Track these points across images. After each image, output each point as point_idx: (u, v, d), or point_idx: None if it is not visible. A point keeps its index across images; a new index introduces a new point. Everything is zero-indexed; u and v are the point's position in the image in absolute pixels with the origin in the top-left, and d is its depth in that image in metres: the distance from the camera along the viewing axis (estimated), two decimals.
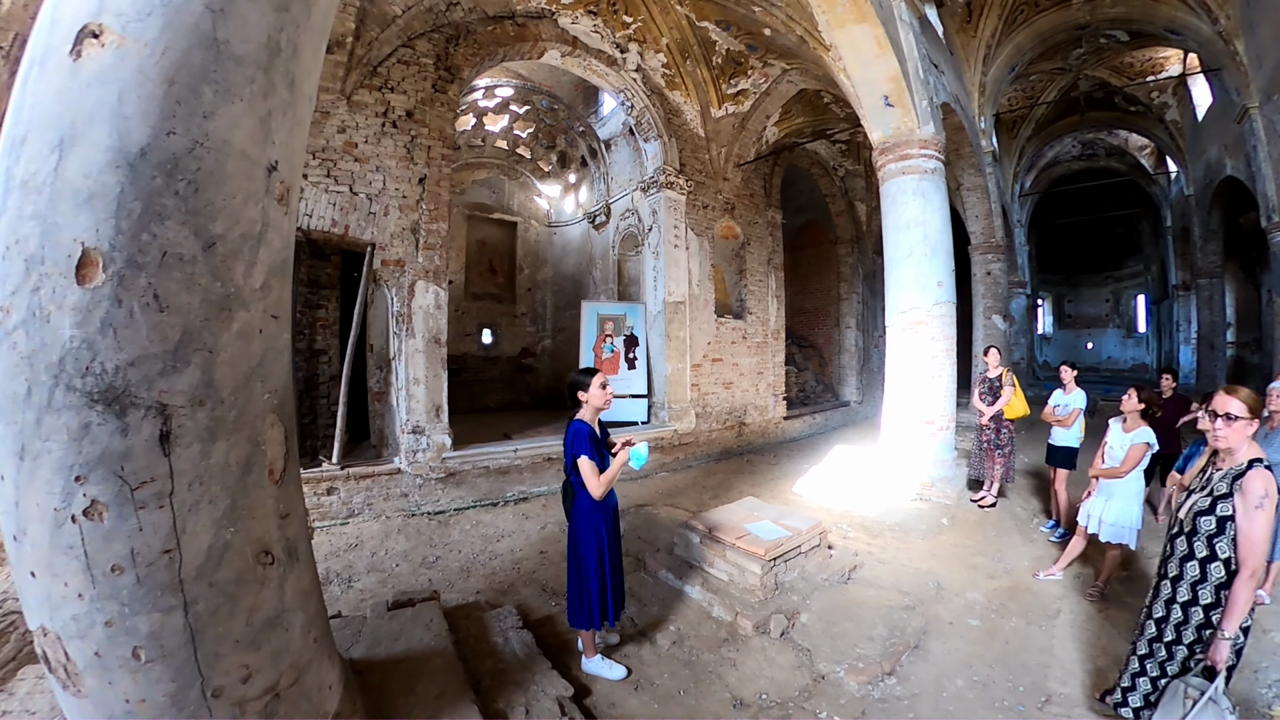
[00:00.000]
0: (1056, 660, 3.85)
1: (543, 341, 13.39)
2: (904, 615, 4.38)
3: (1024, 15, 9.96)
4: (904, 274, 7.69)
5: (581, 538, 3.37)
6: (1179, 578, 2.72)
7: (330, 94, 6.23)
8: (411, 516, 6.47)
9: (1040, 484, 8.09)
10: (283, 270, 2.18)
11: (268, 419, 2.06)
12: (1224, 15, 9.02)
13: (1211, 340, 15.20)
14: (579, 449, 3.22)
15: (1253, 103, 9.38)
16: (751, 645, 3.98)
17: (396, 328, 6.75)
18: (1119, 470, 4.61)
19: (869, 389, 14.64)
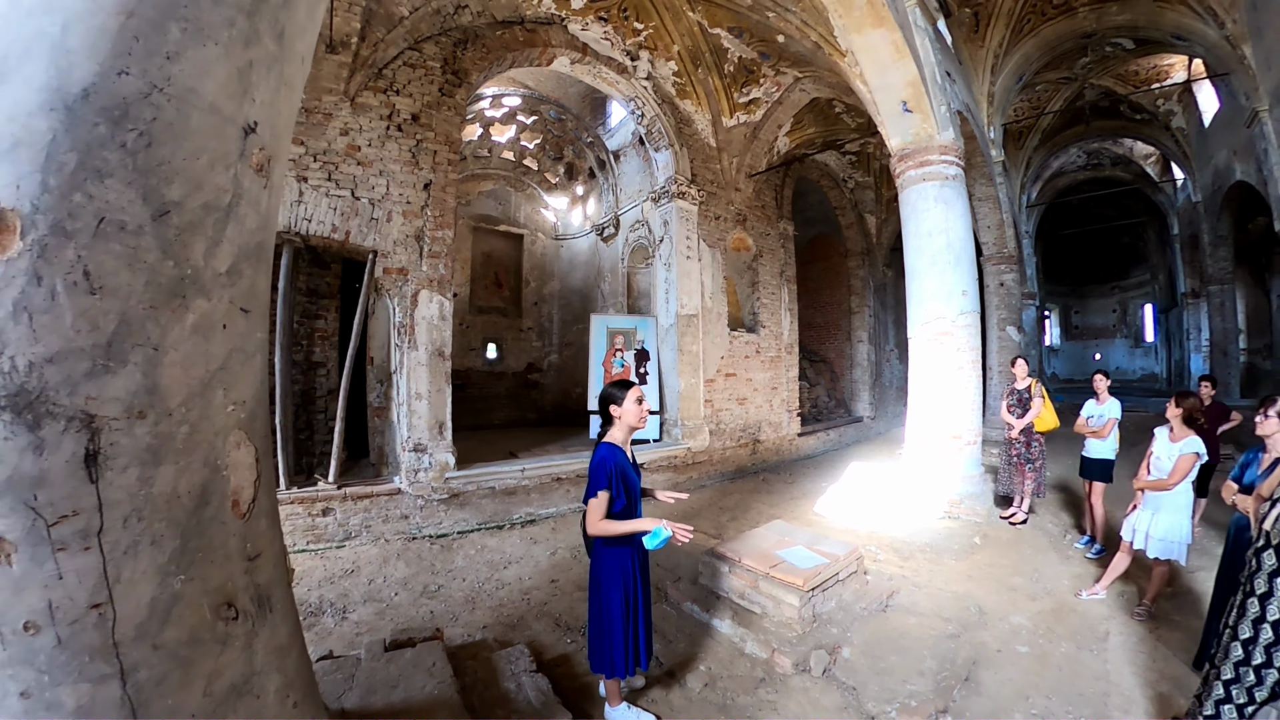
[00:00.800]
0: (1114, 687, 3.58)
1: (549, 357, 13.01)
2: (950, 645, 4.03)
3: (1031, 24, 9.75)
4: (927, 283, 7.38)
5: (605, 576, 2.92)
6: (1269, 594, 2.48)
7: (334, 95, 5.93)
8: (412, 540, 6.04)
9: (1070, 498, 7.76)
10: (258, 255, 1.81)
11: (231, 437, 1.67)
12: (1230, 20, 8.77)
13: (1225, 347, 14.88)
14: (598, 483, 2.77)
15: (1262, 106, 9.06)
16: (791, 685, 3.58)
17: (398, 339, 6.38)
18: (1167, 482, 4.31)
19: (881, 404, 14.26)
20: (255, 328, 1.87)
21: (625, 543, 2.91)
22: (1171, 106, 14.05)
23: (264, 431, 2.12)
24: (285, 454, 5.63)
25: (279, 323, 5.73)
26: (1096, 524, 5.97)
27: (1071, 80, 12.15)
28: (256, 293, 1.84)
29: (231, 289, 1.65)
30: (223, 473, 1.65)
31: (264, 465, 2.01)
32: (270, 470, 2.11)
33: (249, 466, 1.79)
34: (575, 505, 7.49)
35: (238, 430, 1.76)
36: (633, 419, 2.90)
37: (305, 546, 5.63)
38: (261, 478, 2.04)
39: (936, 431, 7.19)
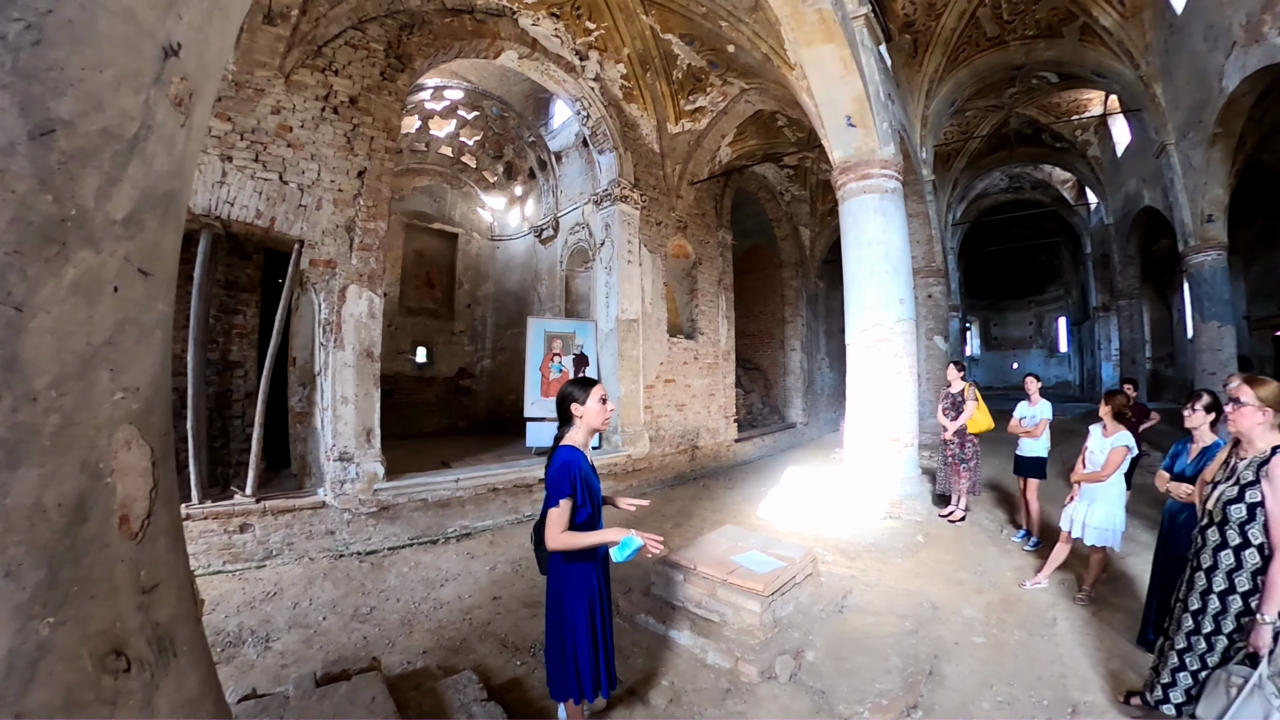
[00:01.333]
0: (1069, 669, 3.72)
1: (482, 362, 12.44)
2: (911, 641, 4.05)
3: (965, 54, 10.24)
4: (866, 291, 7.53)
5: (568, 593, 2.60)
6: (1214, 568, 2.69)
7: (267, 70, 5.40)
8: (339, 558, 5.49)
9: (1001, 495, 8.06)
10: (166, 208, 1.46)
11: (119, 434, 1.32)
12: (1145, 62, 9.62)
13: (1133, 356, 16.21)
14: (559, 490, 2.45)
15: (1170, 140, 10.05)
16: (759, 694, 3.44)
17: (324, 338, 5.84)
18: (1101, 474, 4.56)
19: (814, 410, 14.54)
20: (157, 297, 1.51)
21: (589, 556, 2.61)
22: (1089, 137, 15.12)
23: (163, 429, 1.74)
24: (198, 463, 5.01)
25: (193, 316, 5.11)
26: (1032, 518, 6.20)
27: (999, 108, 12.84)
28: (161, 254, 1.48)
29: (129, 243, 1.30)
30: (106, 480, 1.29)
31: (163, 471, 1.64)
32: (170, 477, 1.73)
33: (142, 472, 1.43)
34: (513, 517, 7.11)
35: (128, 425, 1.40)
36: (595, 420, 2.62)
37: (221, 567, 5.01)
38: (159, 487, 1.65)
39: (875, 435, 7.31)
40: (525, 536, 6.53)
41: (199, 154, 1.65)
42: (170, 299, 1.75)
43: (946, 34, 9.62)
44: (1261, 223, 12.73)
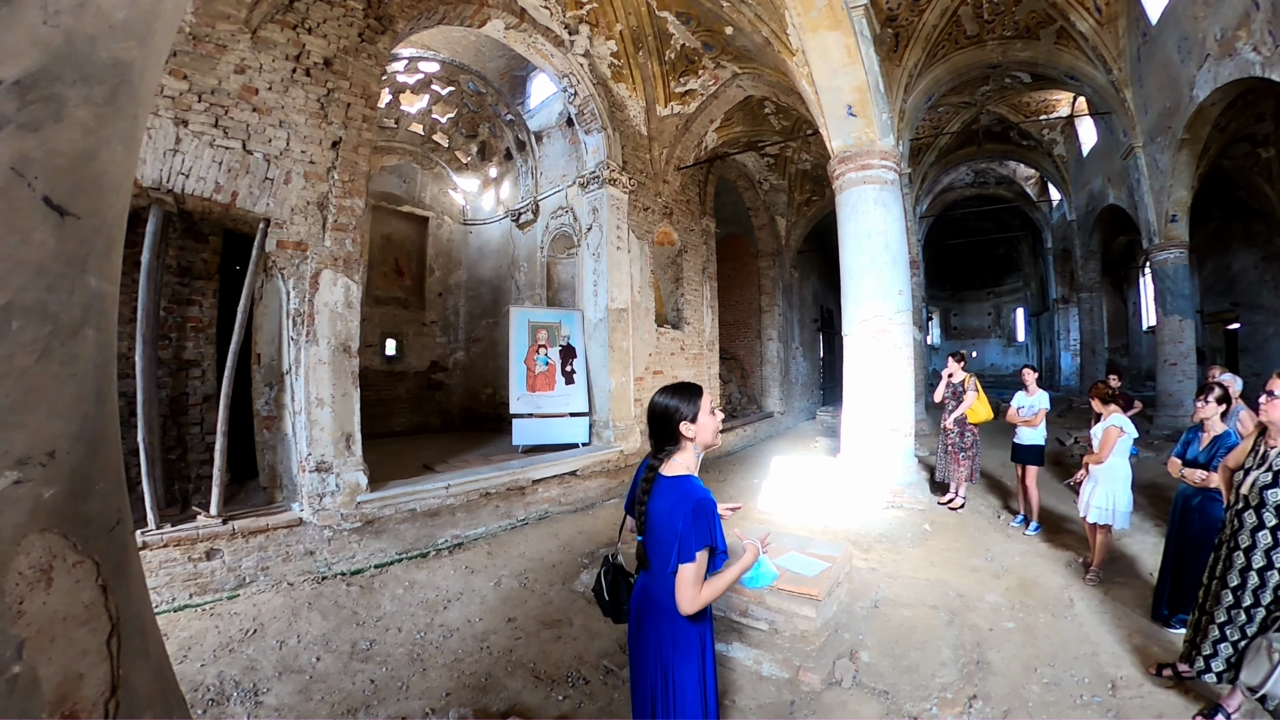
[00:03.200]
0: (1098, 646, 3.75)
1: (455, 354, 11.49)
2: (953, 632, 3.98)
3: (944, 50, 10.05)
4: (866, 282, 7.29)
5: (683, 657, 1.93)
6: (1252, 547, 2.84)
7: (231, 23, 4.48)
8: (322, 580, 4.69)
9: (992, 483, 8.07)
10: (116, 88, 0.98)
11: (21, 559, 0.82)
12: (1117, 68, 9.68)
13: (1093, 346, 16.66)
14: (699, 536, 1.79)
15: (1138, 143, 10.27)
16: (826, 703, 3.23)
17: (294, 331, 4.99)
18: (1098, 455, 4.68)
19: (789, 399, 14.30)
20: (85, 262, 0.89)
21: (708, 612, 2.00)
22: (1055, 136, 15.28)
23: (113, 505, 1.07)
24: (152, 480, 4.12)
25: (141, 309, 4.19)
26: (1031, 504, 6.18)
27: (971, 105, 12.74)
28: (96, 181, 0.88)
29: (22, 136, 0.79)
30: (13, 670, 0.67)
31: (122, 591, 0.99)
32: (138, 584, 1.06)
33: (85, 617, 0.84)
34: (506, 523, 6.46)
35: (40, 535, 0.86)
36: (709, 435, 2.00)
37: (188, 601, 4.17)
38: (121, 624, 1.00)
39: (875, 425, 7.19)
40: (523, 543, 5.93)
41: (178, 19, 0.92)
42: (113, 270, 1.07)
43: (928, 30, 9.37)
44: (1216, 224, 13.17)
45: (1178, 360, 10.39)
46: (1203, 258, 13.71)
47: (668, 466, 1.98)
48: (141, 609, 1.15)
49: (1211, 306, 14.17)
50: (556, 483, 7.28)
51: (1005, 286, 28.93)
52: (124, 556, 1.09)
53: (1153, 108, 9.60)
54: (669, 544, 1.84)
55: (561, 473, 7.38)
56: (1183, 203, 10.00)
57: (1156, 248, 10.49)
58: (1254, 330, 13.13)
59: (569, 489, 7.44)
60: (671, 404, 1.96)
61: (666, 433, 1.98)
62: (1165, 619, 3.96)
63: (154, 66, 1.10)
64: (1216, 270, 13.97)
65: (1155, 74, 9.17)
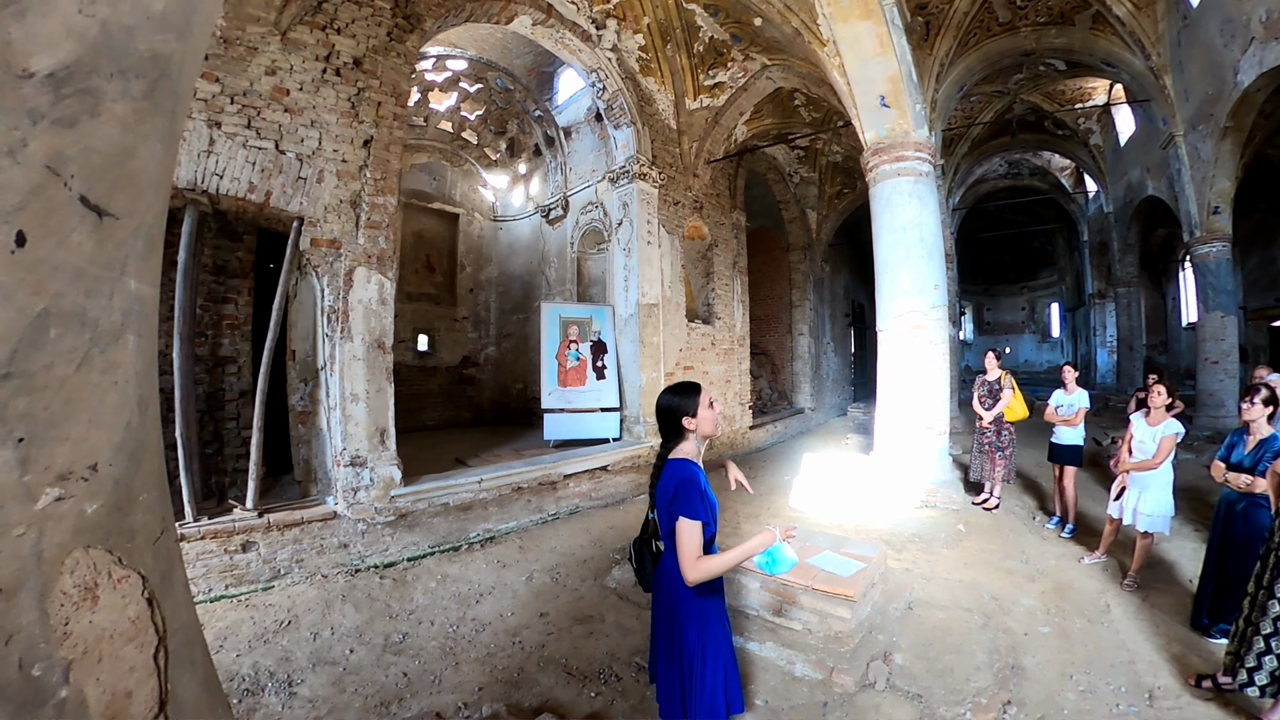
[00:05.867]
0: (1135, 654, 3.67)
1: (486, 349, 11.55)
2: (987, 636, 3.90)
3: (976, 38, 9.73)
4: (901, 277, 7.12)
5: (689, 621, 2.18)
6: None
7: (261, 26, 4.51)
8: (355, 573, 4.73)
9: (1027, 483, 7.85)
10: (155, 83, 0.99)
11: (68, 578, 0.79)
12: (1156, 53, 9.29)
13: (1130, 343, 15.99)
14: (690, 508, 2.02)
15: (1179, 131, 9.79)
16: (859, 705, 3.17)
17: (328, 328, 5.03)
18: (1153, 462, 4.49)
19: (820, 396, 14.11)
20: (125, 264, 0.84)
21: (716, 588, 2.25)
22: (1091, 125, 14.70)
23: (158, 515, 1.04)
24: (190, 474, 4.19)
25: (178, 307, 4.26)
26: (1068, 505, 6.02)
27: (1004, 94, 12.35)
28: (135, 179, 0.85)
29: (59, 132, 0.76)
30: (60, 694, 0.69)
31: (169, 604, 0.95)
32: (188, 608, 1.02)
33: (132, 632, 0.80)
34: (537, 517, 6.47)
35: (84, 551, 0.82)
36: (708, 427, 2.26)
37: (224, 592, 4.24)
38: (169, 636, 0.97)
39: (910, 422, 7.05)
40: (554, 538, 5.93)
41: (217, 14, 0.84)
42: (153, 273, 1.04)
43: (959, 17, 9.08)
44: (1261, 216, 12.53)
45: (1219, 358, 9.93)
46: (1246, 251, 13.11)
47: (677, 452, 2.22)
48: (188, 618, 1.12)
49: (1255, 302, 13.53)
50: (587, 478, 7.27)
51: (1039, 280, 27.96)
52: (169, 566, 1.05)
53: (1194, 94, 9.18)
54: (665, 515, 2.11)
55: (592, 468, 7.36)
56: (1226, 194, 9.53)
57: (1198, 241, 10.04)
58: None
59: (600, 484, 7.42)
60: (674, 401, 2.23)
61: (672, 426, 2.24)
62: (1205, 628, 3.84)
63: (193, 61, 1.05)
64: (1261, 264, 13.33)
65: (1196, 59, 8.78)
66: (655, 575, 2.36)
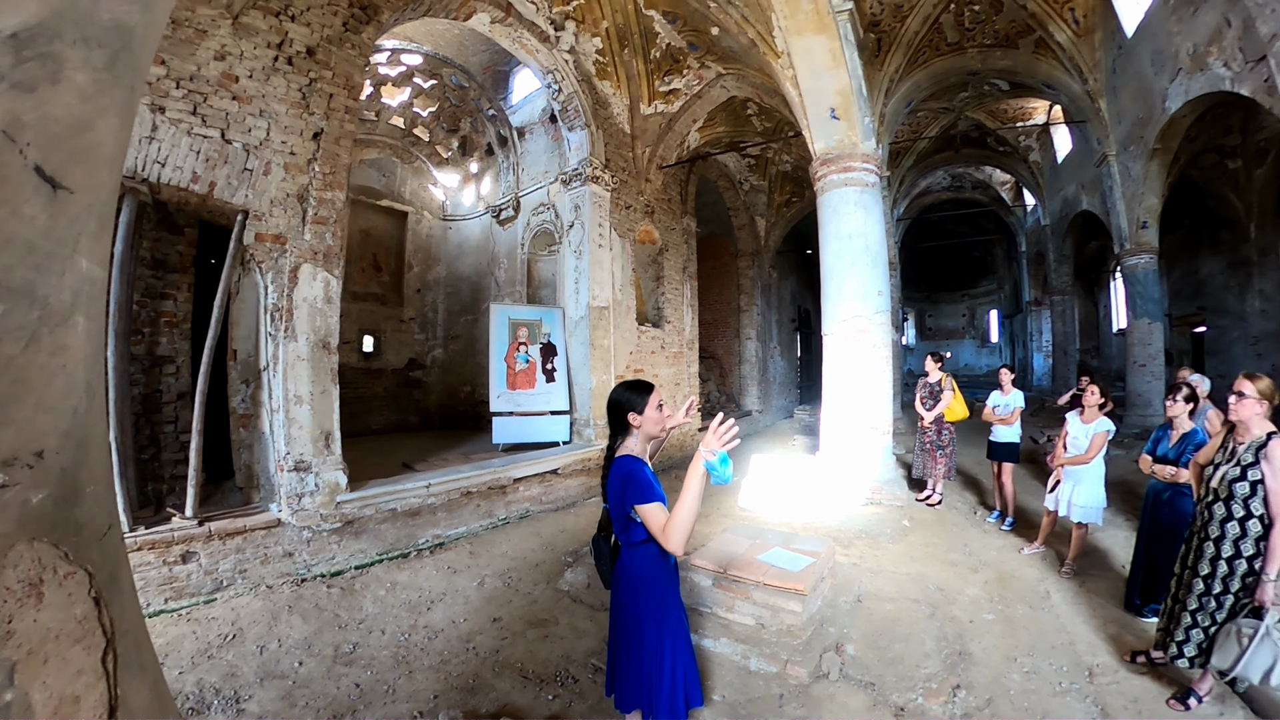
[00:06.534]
0: (1075, 636, 3.88)
1: (433, 351, 11.27)
2: (933, 624, 4.08)
3: (925, 56, 10.17)
4: (846, 283, 7.35)
5: (645, 615, 2.27)
6: (1221, 538, 2.98)
7: (212, 8, 4.30)
8: (302, 583, 4.53)
9: (967, 479, 8.23)
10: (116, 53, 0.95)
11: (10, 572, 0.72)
12: (1093, 78, 9.95)
13: (1065, 348, 16.98)
14: (642, 494, 2.09)
15: (1112, 151, 10.54)
16: (814, 695, 3.27)
17: (272, 327, 4.82)
18: (1086, 457, 4.81)
19: (767, 398, 14.36)
20: (78, 242, 0.80)
21: (665, 573, 2.32)
22: (1031, 143, 15.56)
23: (105, 508, 1.00)
24: (125, 481, 3.92)
25: (114, 302, 3.99)
26: (1007, 500, 6.34)
27: (950, 111, 12.92)
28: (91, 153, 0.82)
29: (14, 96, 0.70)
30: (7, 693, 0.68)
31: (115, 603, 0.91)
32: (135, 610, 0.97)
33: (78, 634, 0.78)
34: (487, 522, 6.36)
35: (29, 545, 0.78)
36: (653, 428, 2.31)
37: (164, 606, 3.99)
38: (116, 637, 0.92)
39: (855, 423, 7.26)
40: (505, 543, 5.84)
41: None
42: (103, 253, 0.99)
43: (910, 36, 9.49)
44: (1185, 231, 13.47)
45: (1147, 362, 10.68)
46: (1172, 263, 14.08)
47: (622, 450, 2.28)
48: (135, 620, 1.06)
49: (1179, 310, 14.56)
50: (538, 481, 7.19)
51: (980, 289, 29.38)
52: (116, 565, 0.99)
53: (1126, 118, 9.86)
54: (616, 509, 2.21)
55: (543, 471, 7.29)
56: (1153, 210, 10.29)
57: (1127, 253, 10.79)
58: (1220, 334, 13.50)
59: (550, 487, 7.35)
60: (624, 397, 2.30)
61: (618, 422, 2.31)
62: (1138, 609, 4.10)
63: (154, 34, 1.01)
64: (1185, 275, 14.36)
65: (1129, 85, 9.42)
66: (614, 571, 2.40)
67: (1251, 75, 6.65)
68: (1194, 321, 14.36)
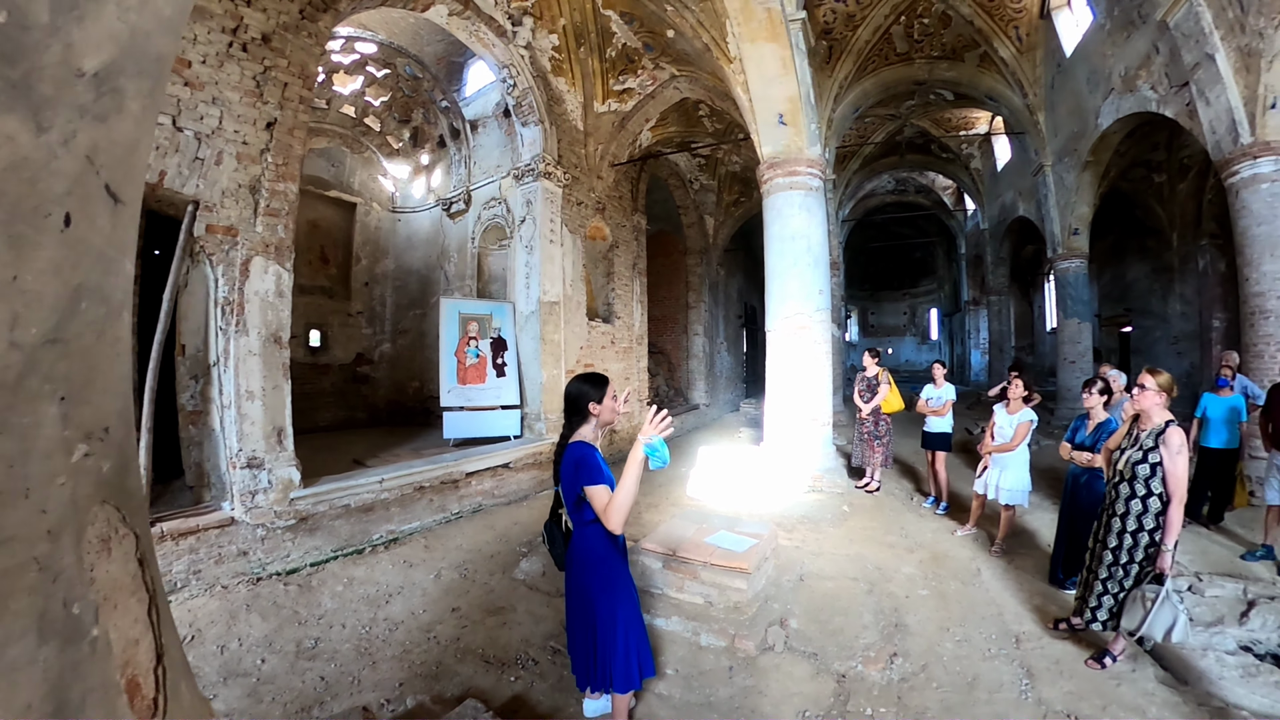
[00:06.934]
0: (1003, 608, 4.23)
1: (381, 346, 11.06)
2: (871, 599, 4.38)
3: (874, 65, 10.68)
4: (789, 282, 7.67)
5: (598, 591, 2.54)
6: (1126, 514, 3.33)
7: None
8: (258, 581, 4.50)
9: (904, 468, 8.71)
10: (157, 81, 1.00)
11: (93, 527, 0.85)
12: (1033, 93, 10.70)
13: (1001, 345, 18.16)
14: (591, 476, 2.37)
15: (1048, 162, 11.35)
16: (761, 666, 3.53)
17: (222, 321, 4.75)
18: (1010, 445, 5.26)
19: (714, 392, 14.76)
20: (126, 249, 0.94)
21: (614, 550, 2.58)
22: (973, 151, 16.44)
23: (140, 488, 1.11)
24: None
25: None
26: (941, 486, 6.79)
27: (896, 118, 13.56)
28: (134, 170, 0.94)
29: (96, 126, 0.81)
30: (91, 634, 0.80)
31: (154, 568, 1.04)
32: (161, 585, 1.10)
33: (133, 585, 0.92)
34: (440, 516, 6.41)
35: (103, 506, 0.90)
36: (609, 416, 2.62)
37: None
38: (159, 597, 1.06)
39: (797, 415, 7.57)
40: (459, 536, 5.91)
41: None
42: (134, 254, 1.11)
43: (860, 45, 9.95)
44: (1114, 238, 14.50)
45: (1076, 359, 11.58)
46: (1101, 267, 15.06)
47: (577, 436, 2.54)
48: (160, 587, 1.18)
49: (1108, 311, 15.61)
50: (490, 475, 7.26)
51: (921, 288, 30.68)
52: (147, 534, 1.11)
53: (1062, 131, 10.59)
54: (569, 490, 2.47)
55: (494, 465, 7.36)
56: (1084, 218, 11.13)
57: (1060, 257, 11.59)
58: (1144, 333, 14.54)
59: (502, 481, 7.43)
60: (585, 388, 2.58)
61: (577, 410, 2.56)
62: (1061, 582, 4.50)
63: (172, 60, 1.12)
64: (1113, 279, 15.39)
65: (1066, 101, 10.12)
66: (567, 553, 2.63)
67: (1175, 99, 7.36)
68: (1121, 322, 15.41)
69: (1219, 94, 6.59)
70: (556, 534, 2.73)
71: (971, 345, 21.64)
